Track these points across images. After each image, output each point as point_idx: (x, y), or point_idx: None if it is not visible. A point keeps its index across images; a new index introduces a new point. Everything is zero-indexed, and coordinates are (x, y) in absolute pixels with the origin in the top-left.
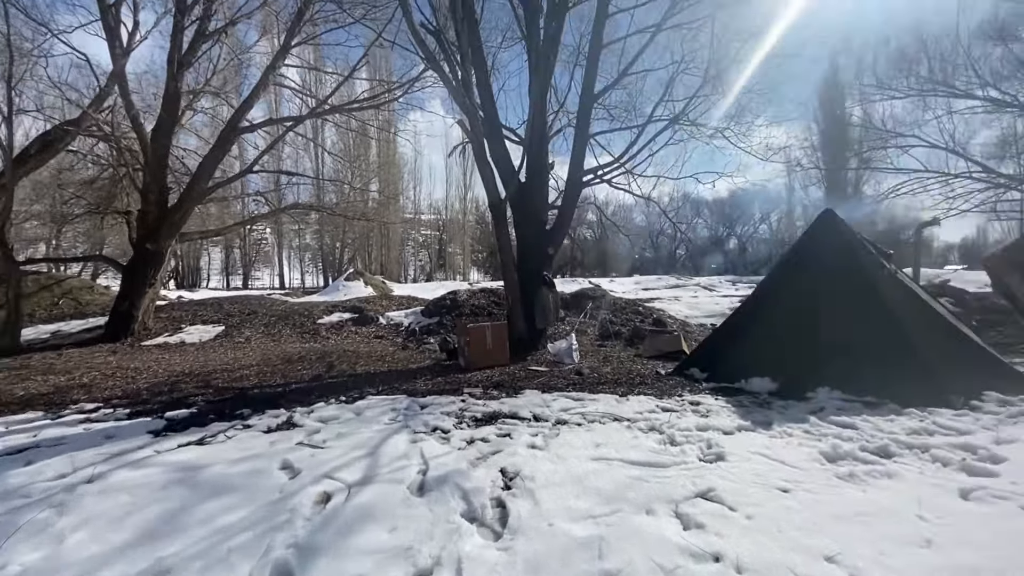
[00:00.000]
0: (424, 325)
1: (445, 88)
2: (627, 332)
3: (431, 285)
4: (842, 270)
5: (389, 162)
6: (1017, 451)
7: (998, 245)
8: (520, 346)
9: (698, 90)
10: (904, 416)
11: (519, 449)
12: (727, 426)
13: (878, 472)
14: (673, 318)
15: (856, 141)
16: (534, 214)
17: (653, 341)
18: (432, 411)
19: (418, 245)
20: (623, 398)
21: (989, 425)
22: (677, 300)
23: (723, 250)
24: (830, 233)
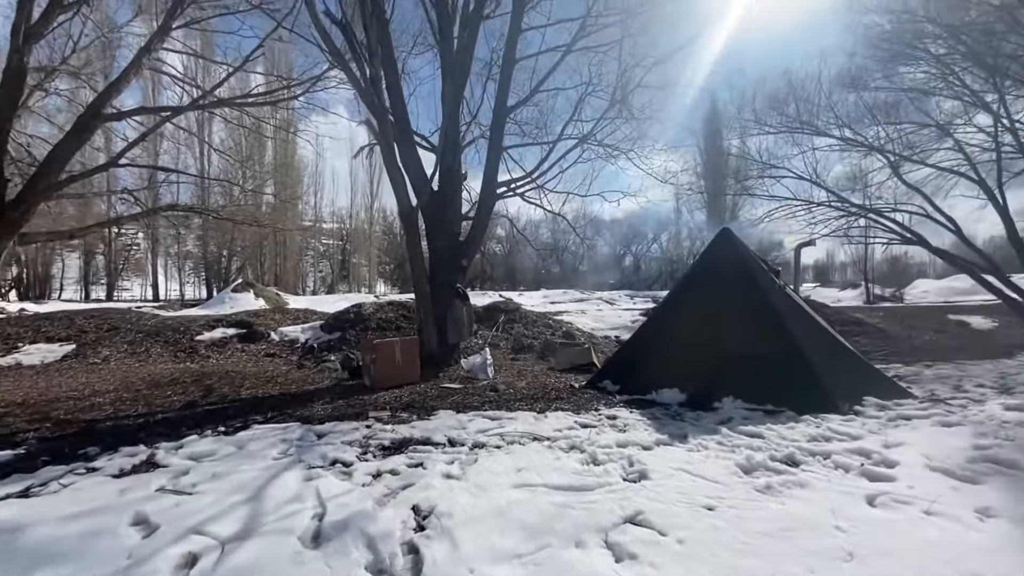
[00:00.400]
0: (324, 341)
1: (351, 90)
2: (539, 345)
3: (333, 298)
4: (740, 285)
5: (287, 164)
6: (905, 454)
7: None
8: (432, 362)
9: (605, 112)
10: (802, 423)
11: (434, 480)
12: (646, 441)
13: (791, 483)
14: (581, 331)
15: (734, 170)
16: (447, 224)
17: (565, 354)
18: (331, 440)
19: (319, 255)
20: (541, 415)
21: (875, 429)
22: (584, 313)
23: (620, 267)
24: (728, 250)
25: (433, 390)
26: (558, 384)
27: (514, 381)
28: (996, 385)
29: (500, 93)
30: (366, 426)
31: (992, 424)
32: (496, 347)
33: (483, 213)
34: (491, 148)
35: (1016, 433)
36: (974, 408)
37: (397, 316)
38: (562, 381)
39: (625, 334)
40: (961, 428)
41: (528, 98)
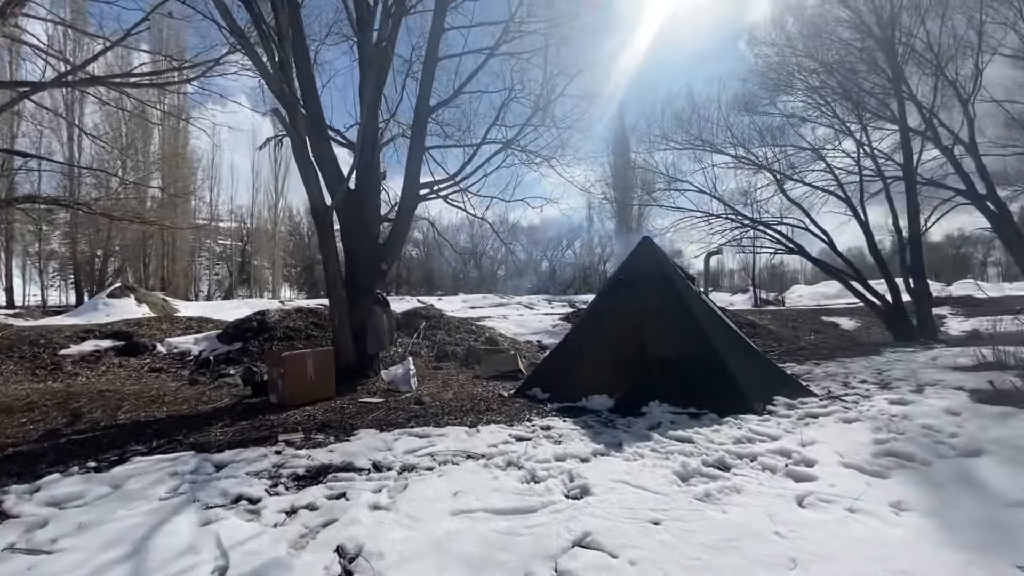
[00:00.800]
0: (222, 353)
1: (254, 76)
2: (463, 352)
3: (231, 304)
4: (661, 291)
5: (177, 155)
6: (820, 452)
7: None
8: (349, 375)
9: (529, 119)
10: (724, 425)
11: (359, 514)
12: (583, 452)
13: (727, 488)
14: (504, 336)
15: (641, 182)
16: (366, 225)
17: (490, 361)
18: (234, 472)
19: (215, 257)
20: (473, 429)
21: (789, 428)
22: (505, 318)
23: (537, 272)
24: (649, 258)
25: (352, 406)
26: (486, 394)
27: (440, 392)
28: (876, 381)
29: (422, 91)
30: (276, 452)
31: (883, 419)
32: (418, 355)
33: (404, 215)
34: (412, 148)
35: (904, 427)
36: (865, 404)
37: (307, 324)
38: (490, 390)
39: (547, 338)
40: (860, 424)
41: (451, 99)
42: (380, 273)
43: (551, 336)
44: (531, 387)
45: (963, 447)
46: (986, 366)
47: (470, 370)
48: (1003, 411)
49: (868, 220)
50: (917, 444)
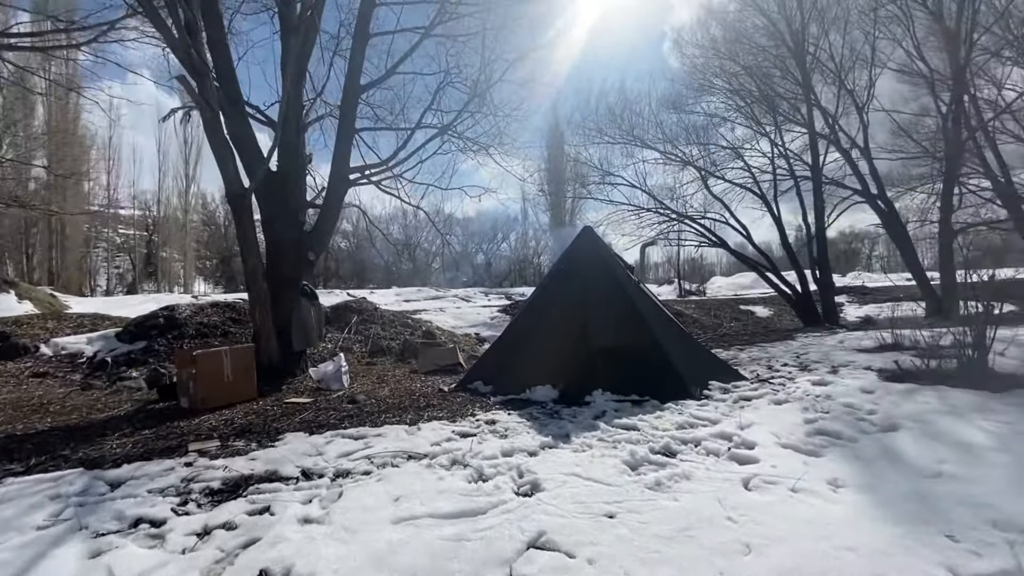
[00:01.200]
0: (122, 354)
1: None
2: (398, 347)
3: (135, 299)
4: (603, 281)
5: (66, 132)
6: (758, 434)
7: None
8: (273, 374)
9: (467, 104)
10: (666, 411)
11: (287, 530)
12: (531, 446)
13: (676, 475)
14: (442, 329)
15: (574, 175)
16: (290, 212)
17: (428, 355)
18: (133, 490)
19: (115, 248)
20: (414, 427)
21: (726, 412)
22: (442, 311)
23: (472, 264)
24: (590, 247)
25: (276, 408)
26: (426, 389)
27: (375, 389)
28: (796, 364)
29: (352, 69)
30: (186, 464)
31: (809, 399)
32: (350, 351)
33: (333, 200)
34: (342, 129)
35: (828, 406)
36: (791, 386)
37: (224, 320)
38: (429, 385)
39: (485, 331)
40: (789, 405)
41: (383, 79)
42: (307, 263)
43: (490, 328)
44: (473, 380)
45: (881, 423)
46: (886, 347)
47: (407, 365)
48: (909, 388)
49: (780, 215)
50: (842, 422)
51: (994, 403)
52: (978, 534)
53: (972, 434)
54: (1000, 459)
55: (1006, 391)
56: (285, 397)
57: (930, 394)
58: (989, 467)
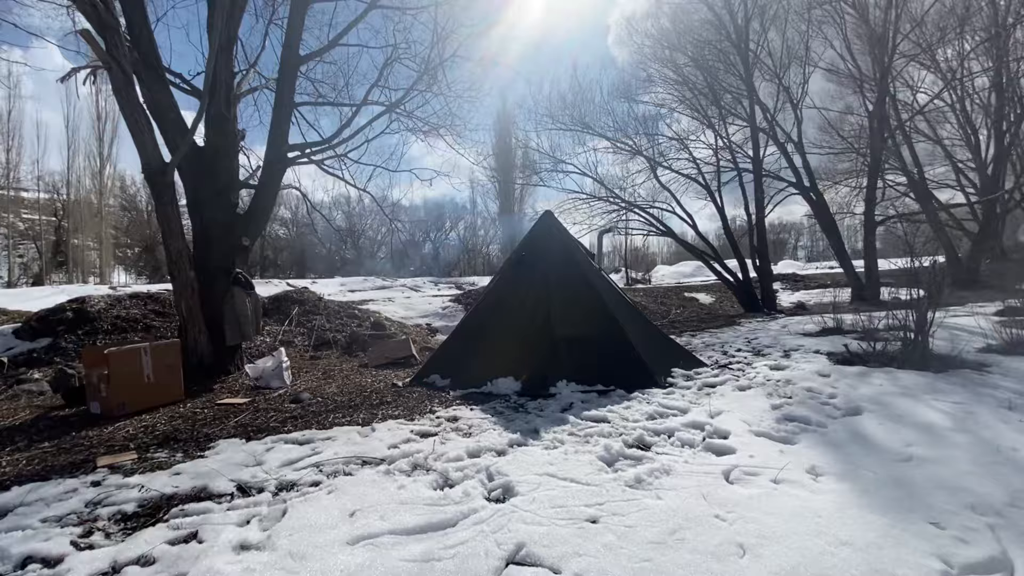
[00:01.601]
0: (21, 353)
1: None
2: (344, 339)
3: (42, 291)
4: (565, 267)
5: None
6: (729, 422)
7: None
8: (202, 372)
9: (416, 82)
10: (634, 401)
11: (219, 562)
12: (499, 444)
13: (656, 471)
14: (391, 320)
15: (522, 163)
16: (220, 192)
17: (379, 348)
18: (23, 519)
19: (17, 234)
20: (367, 428)
21: (694, 400)
22: (391, 301)
23: (420, 253)
24: (550, 233)
25: (207, 410)
26: (378, 384)
27: (321, 386)
28: (749, 348)
29: (290, 36)
30: (93, 483)
31: (771, 384)
32: (291, 345)
33: (269, 180)
34: (279, 103)
35: (790, 391)
36: (750, 371)
37: (145, 313)
38: (381, 380)
39: (437, 321)
40: (753, 391)
41: (326, 49)
42: (240, 249)
43: (441, 318)
44: (429, 374)
45: (844, 407)
46: (829, 331)
47: (355, 358)
48: (861, 371)
49: (724, 205)
50: (807, 407)
51: (940, 383)
52: (960, 519)
53: (930, 415)
54: (961, 440)
55: (945, 371)
56: (217, 398)
57: (882, 376)
58: (953, 447)
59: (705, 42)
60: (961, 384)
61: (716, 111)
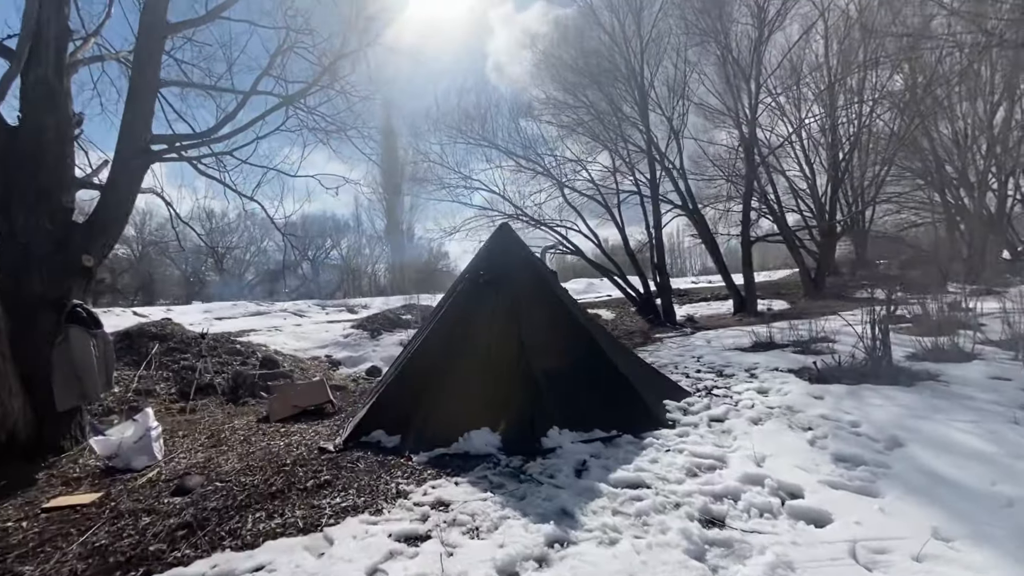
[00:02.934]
0: None
1: None
2: (226, 383)
3: None
4: (534, 287)
5: None
6: (785, 472)
7: None
8: (17, 454)
9: (322, 75)
10: (651, 449)
11: None
12: (531, 546)
13: (770, 565)
14: (281, 353)
15: (412, 179)
16: (47, 190)
17: (283, 394)
18: None
19: None
20: (317, 536)
21: (717, 441)
22: (278, 331)
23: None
24: (513, 247)
25: (26, 522)
26: (298, 450)
27: (214, 458)
28: (708, 369)
29: None
30: None
31: (778, 413)
32: (152, 395)
33: (124, 178)
34: (139, 79)
35: (805, 420)
36: (737, 396)
37: None
38: (300, 442)
39: (340, 351)
40: (771, 424)
41: (203, 21)
42: (80, 272)
43: (344, 348)
44: (369, 430)
45: (879, 437)
46: (763, 345)
47: (246, 408)
48: (847, 389)
49: (624, 225)
50: (845, 441)
51: (932, 399)
52: None
53: (967, 441)
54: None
55: (912, 384)
56: (45, 496)
57: (871, 395)
58: None
59: (605, 70)
60: (946, 398)
61: (614, 134)
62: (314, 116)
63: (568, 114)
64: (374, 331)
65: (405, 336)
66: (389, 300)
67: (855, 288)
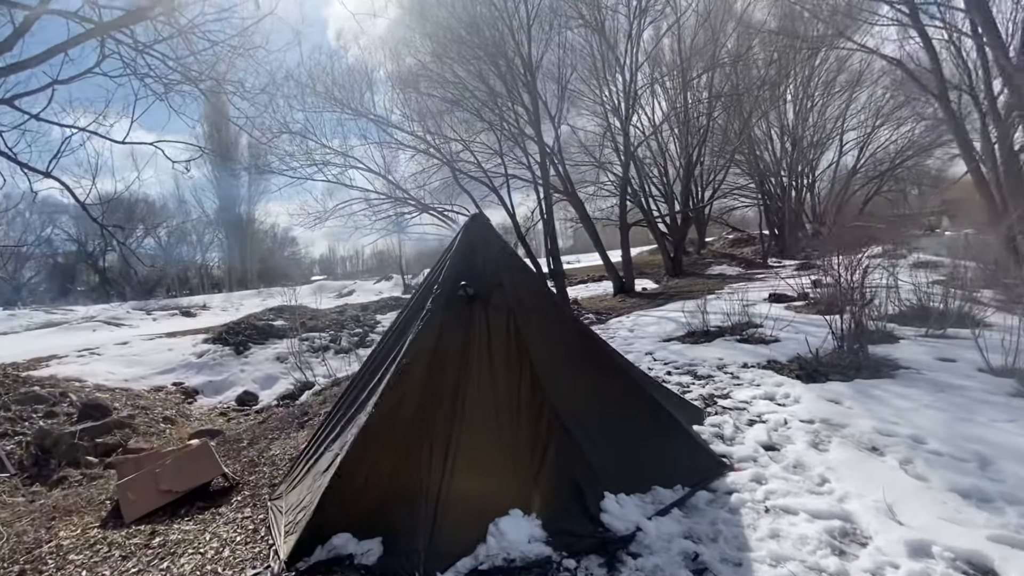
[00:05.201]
0: None
1: None
2: (24, 450)
3: None
4: (532, 299)
5: None
6: (937, 530)
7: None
8: None
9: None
10: (748, 511)
11: None
12: None
13: None
14: (107, 388)
15: (253, 156)
16: None
17: (143, 474)
18: None
19: None
20: None
21: (787, 477)
22: (95, 354)
23: (97, 268)
24: (492, 244)
25: None
26: None
27: None
28: (677, 370)
29: None
30: None
31: (820, 428)
32: None
33: None
34: None
35: (869, 438)
36: (747, 408)
37: None
38: (205, 567)
39: (193, 376)
40: (835, 448)
41: None
42: None
43: (201, 371)
44: (327, 533)
45: (962, 454)
46: (702, 335)
47: (70, 493)
48: (853, 388)
49: (515, 211)
50: (935, 465)
51: (945, 396)
52: None
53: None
54: None
55: (898, 376)
56: None
57: (882, 394)
58: None
59: (493, 57)
60: (946, 392)
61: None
62: (148, 55)
63: (451, 90)
64: (239, 344)
65: (284, 348)
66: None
67: (704, 267)
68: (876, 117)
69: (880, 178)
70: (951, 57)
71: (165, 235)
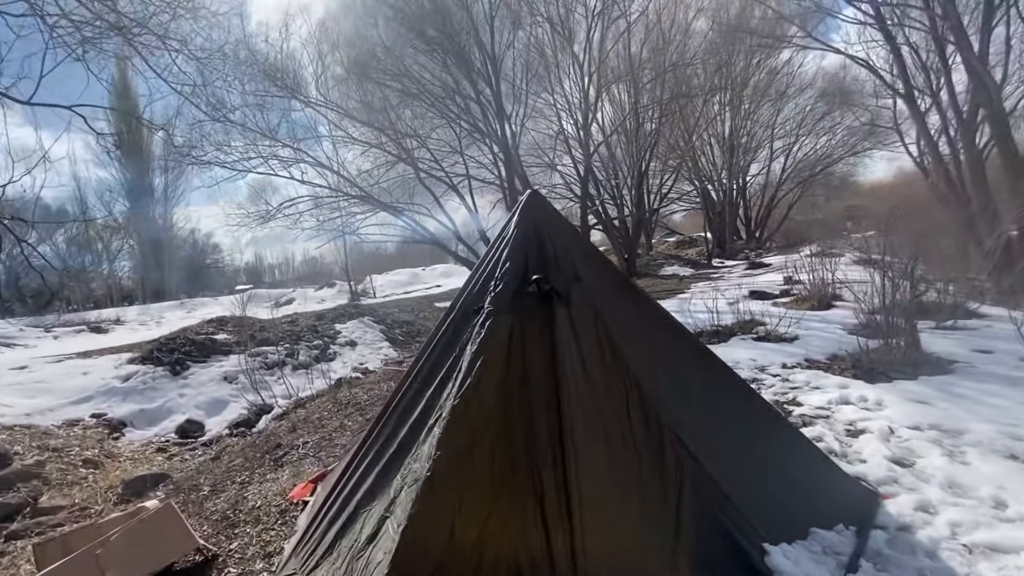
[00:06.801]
0: None
1: None
2: None
3: None
4: (620, 297)
5: None
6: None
7: None
8: None
9: None
10: (925, 557)
11: None
12: None
13: None
14: (4, 427)
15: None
16: None
17: (85, 556)
18: None
19: None
20: None
21: (956, 502)
22: None
23: None
24: (562, 229)
25: None
26: None
27: None
28: None
29: None
30: None
31: (938, 437)
32: None
33: None
34: None
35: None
36: (829, 415)
37: None
38: None
39: (118, 406)
40: (977, 460)
41: None
42: None
43: (128, 398)
44: None
45: None
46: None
47: None
48: (925, 386)
49: (477, 209)
50: None
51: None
52: None
53: None
54: None
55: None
56: None
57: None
58: None
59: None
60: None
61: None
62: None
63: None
64: (175, 364)
65: (231, 366)
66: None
67: (657, 267)
68: (800, 127)
69: (803, 184)
70: (912, 58)
71: (64, 242)
